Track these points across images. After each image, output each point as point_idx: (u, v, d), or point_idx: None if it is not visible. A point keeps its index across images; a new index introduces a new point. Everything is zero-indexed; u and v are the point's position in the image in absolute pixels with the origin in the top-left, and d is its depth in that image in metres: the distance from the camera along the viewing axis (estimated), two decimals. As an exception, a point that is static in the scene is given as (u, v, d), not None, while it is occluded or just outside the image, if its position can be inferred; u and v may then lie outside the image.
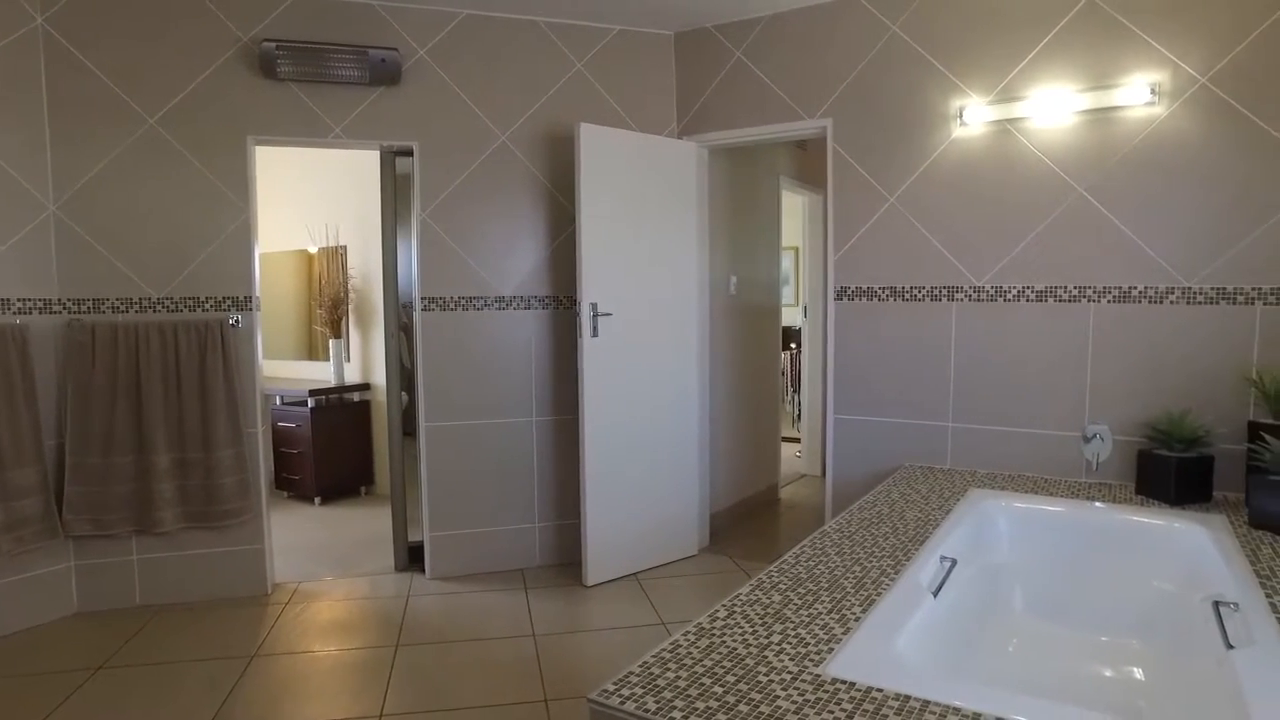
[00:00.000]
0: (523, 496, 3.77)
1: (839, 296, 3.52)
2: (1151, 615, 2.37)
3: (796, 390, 6.77)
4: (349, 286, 5.36)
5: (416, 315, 3.57)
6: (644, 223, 3.64)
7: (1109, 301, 2.96)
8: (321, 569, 3.82)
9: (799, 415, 6.22)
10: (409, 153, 3.58)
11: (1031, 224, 3.08)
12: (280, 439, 5.20)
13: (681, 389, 3.83)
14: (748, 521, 4.56)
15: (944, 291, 3.28)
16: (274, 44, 3.24)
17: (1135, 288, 2.91)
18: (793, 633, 1.68)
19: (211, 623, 3.18)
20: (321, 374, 5.59)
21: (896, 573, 2.05)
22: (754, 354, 4.78)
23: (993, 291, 3.18)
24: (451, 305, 3.60)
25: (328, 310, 5.37)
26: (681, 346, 3.82)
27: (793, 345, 7.02)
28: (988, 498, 2.79)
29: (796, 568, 2.11)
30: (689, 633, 1.68)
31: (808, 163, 5.42)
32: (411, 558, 3.80)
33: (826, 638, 1.65)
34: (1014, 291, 3.14)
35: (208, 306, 3.33)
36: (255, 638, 3.04)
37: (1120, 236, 2.93)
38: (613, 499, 3.58)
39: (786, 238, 6.85)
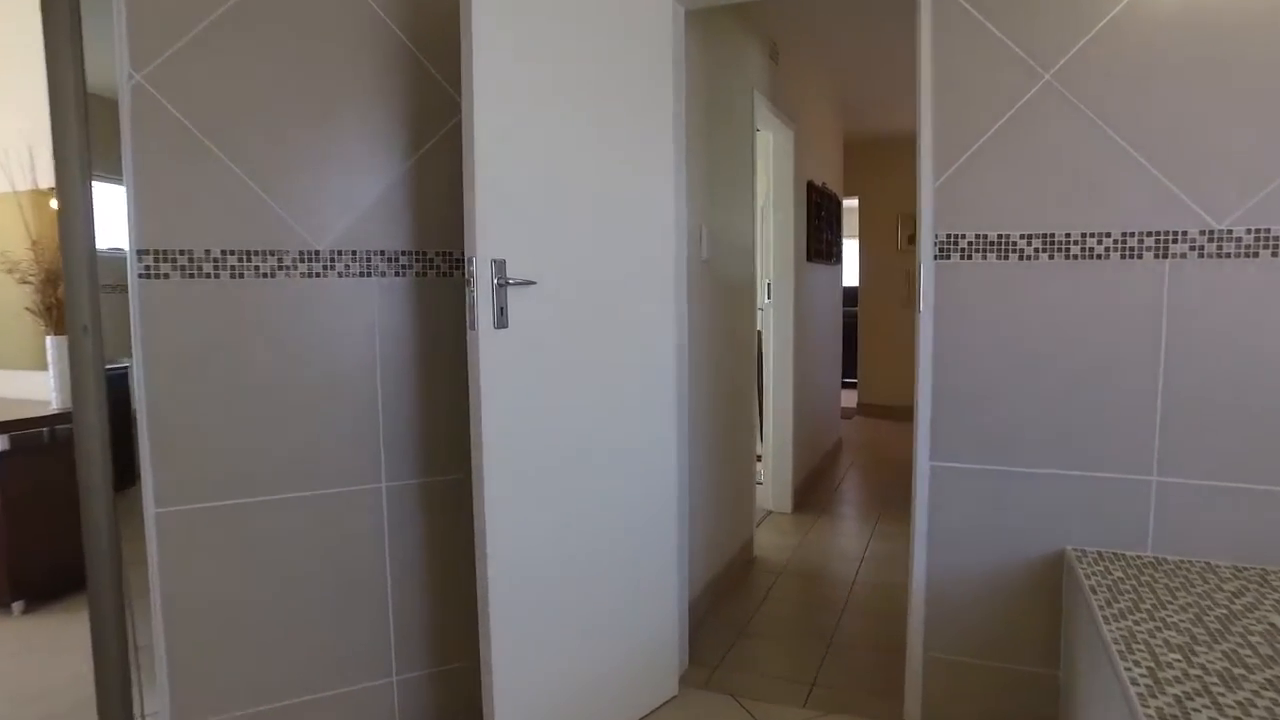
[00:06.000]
0: (365, 631, 2.01)
1: (943, 253, 1.99)
2: None
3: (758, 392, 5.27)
4: (78, 251, 3.34)
5: (132, 286, 1.74)
6: (590, 122, 1.97)
7: None
8: (-50, 797, 1.91)
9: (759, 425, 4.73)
10: (109, -46, 1.72)
11: (1334, 113, 1.67)
12: (-46, 503, 3.11)
13: (654, 419, 2.19)
14: (728, 606, 2.99)
15: (1150, 240, 1.82)
16: None
17: None
18: None
19: None
20: (42, 391, 3.53)
21: None
22: (730, 350, 3.21)
23: (1251, 241, 1.75)
24: (208, 267, 1.79)
25: (40, 289, 3.33)
26: (654, 342, 2.18)
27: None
28: (1359, 655, 1.34)
29: None
30: None
31: (780, 79, 3.90)
32: (147, 755, 1.97)
33: None
34: (1291, 239, 1.72)
35: None
36: None
37: None
38: (539, 623, 1.90)
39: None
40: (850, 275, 6.61)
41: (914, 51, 1.99)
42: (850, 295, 6.72)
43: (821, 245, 4.80)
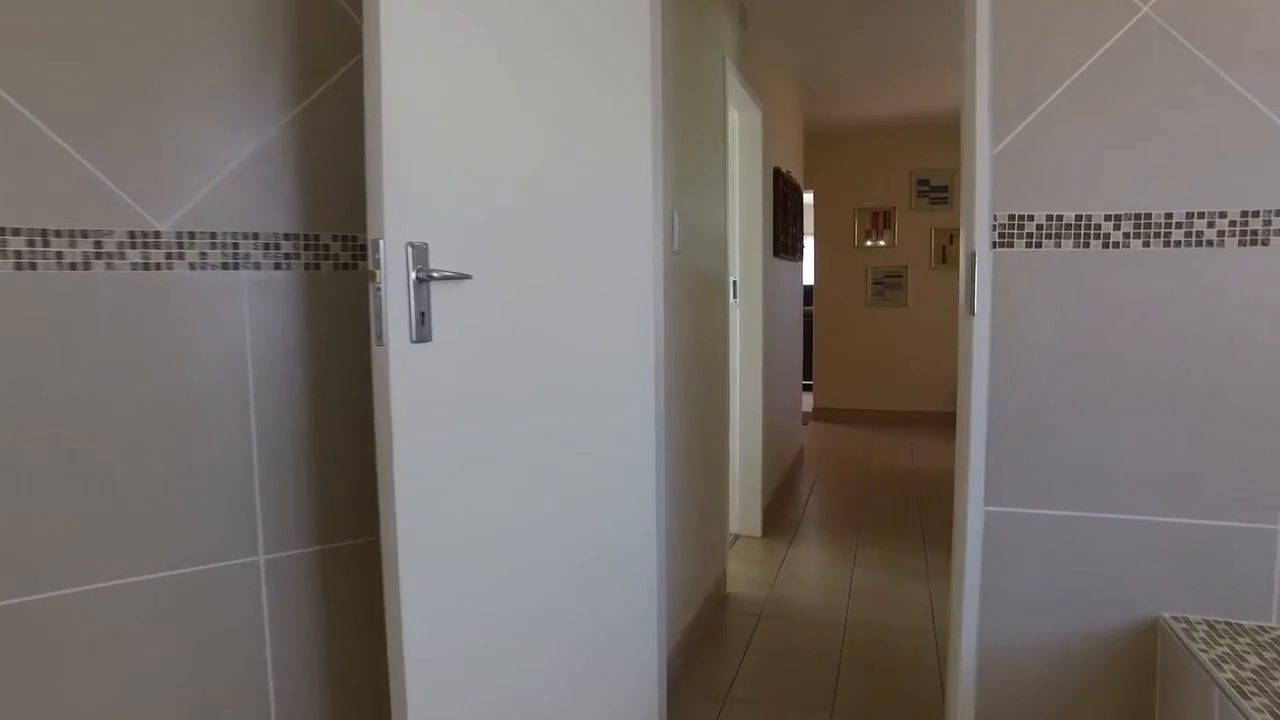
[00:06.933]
0: (239, 755, 1.45)
1: (1004, 239, 1.55)
2: None
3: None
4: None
5: None
6: (546, 63, 1.45)
7: None
8: None
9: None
10: None
11: None
12: None
13: (626, 462, 1.69)
14: (704, 663, 2.50)
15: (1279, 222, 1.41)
16: None
17: None
18: None
19: None
20: None
21: None
22: (703, 356, 2.73)
23: None
24: (-17, 254, 1.21)
25: None
26: (631, 358, 1.68)
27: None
28: None
29: None
30: None
31: (749, 50, 3.44)
32: None
33: None
34: None
35: None
36: None
37: None
38: (484, 759, 1.38)
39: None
40: (806, 273, 6.24)
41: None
42: (805, 294, 6.35)
43: (787, 239, 4.37)
